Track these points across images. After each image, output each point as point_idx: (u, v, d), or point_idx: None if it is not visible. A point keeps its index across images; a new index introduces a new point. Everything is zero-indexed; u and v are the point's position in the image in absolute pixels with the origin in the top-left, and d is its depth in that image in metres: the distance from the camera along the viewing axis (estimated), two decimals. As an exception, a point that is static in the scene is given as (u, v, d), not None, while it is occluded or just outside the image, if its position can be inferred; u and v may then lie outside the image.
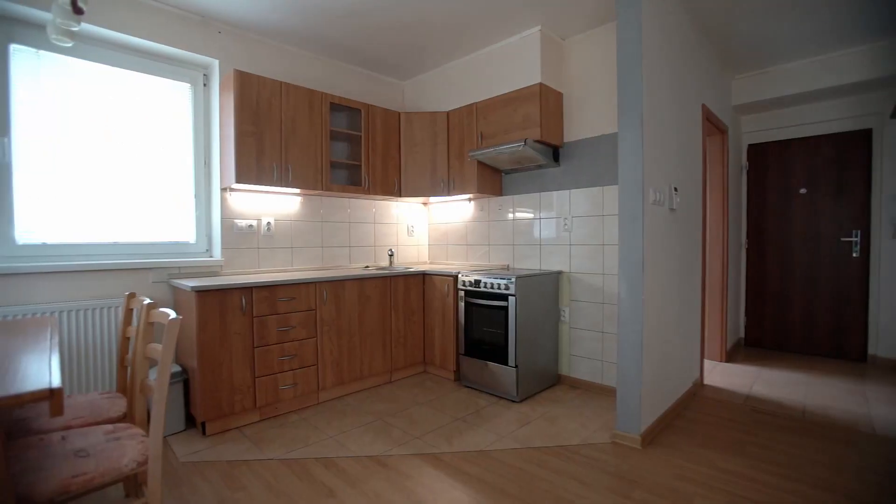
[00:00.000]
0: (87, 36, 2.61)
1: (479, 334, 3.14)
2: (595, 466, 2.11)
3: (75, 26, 1.65)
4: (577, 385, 3.24)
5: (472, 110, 3.49)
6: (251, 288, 2.56)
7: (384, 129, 3.59)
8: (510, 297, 2.93)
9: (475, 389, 3.21)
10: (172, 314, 1.37)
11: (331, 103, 3.25)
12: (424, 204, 4.33)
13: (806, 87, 3.68)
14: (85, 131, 2.65)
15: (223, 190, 3.02)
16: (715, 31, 3.13)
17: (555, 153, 3.30)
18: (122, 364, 1.99)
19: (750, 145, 4.43)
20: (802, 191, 4.16)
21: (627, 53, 2.29)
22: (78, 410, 1.67)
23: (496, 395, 3.08)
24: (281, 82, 2.97)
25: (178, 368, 2.56)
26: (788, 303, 4.24)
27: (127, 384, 2.00)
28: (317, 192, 3.25)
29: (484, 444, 2.36)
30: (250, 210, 3.15)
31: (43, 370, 1.11)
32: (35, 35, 2.48)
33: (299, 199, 3.42)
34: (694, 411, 2.78)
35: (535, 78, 3.12)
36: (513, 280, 2.92)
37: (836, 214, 3.98)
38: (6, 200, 2.41)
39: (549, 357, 3.23)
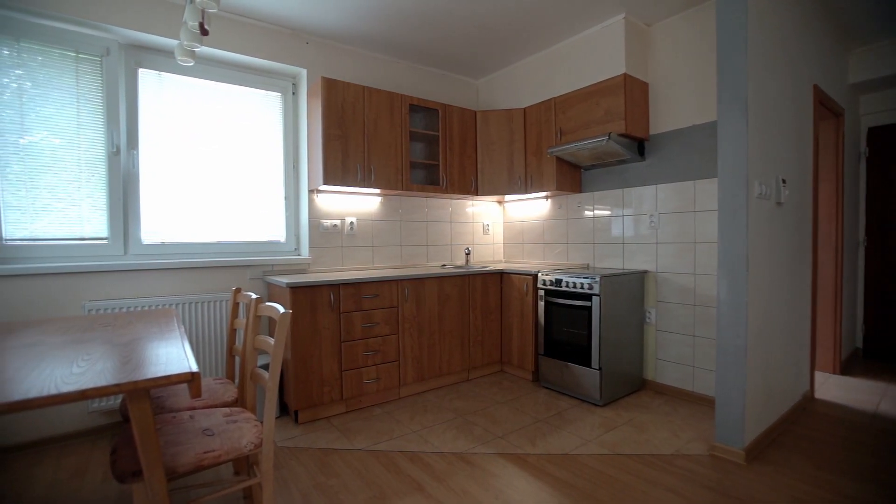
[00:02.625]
0: (197, 56, 2.89)
1: (560, 335, 3.06)
2: (693, 480, 1.97)
3: (197, 47, 1.84)
4: (663, 391, 3.05)
5: (550, 106, 3.40)
6: (339, 285, 2.69)
7: (460, 128, 3.62)
8: (594, 297, 2.82)
9: (554, 391, 3.13)
10: (281, 308, 1.47)
11: (409, 105, 3.33)
12: (500, 202, 4.30)
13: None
14: (192, 141, 2.94)
15: (310, 191, 3.20)
16: None
17: (640, 147, 3.13)
18: (230, 353, 2.18)
19: (870, 128, 3.91)
20: (938, 179, 3.59)
21: (729, 32, 2.11)
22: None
23: (577, 398, 2.98)
24: (363, 87, 3.09)
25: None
26: (919, 309, 3.68)
27: (235, 372, 2.19)
28: (397, 191, 3.35)
29: (569, 448, 2.29)
30: (335, 210, 3.32)
31: (181, 356, 1.24)
32: (158, 59, 2.79)
33: (379, 199, 3.54)
34: (805, 427, 2.50)
35: (618, 69, 2.97)
36: (597, 279, 2.81)
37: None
38: (135, 205, 2.73)
39: (633, 360, 3.07)
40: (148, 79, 2.78)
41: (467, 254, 3.89)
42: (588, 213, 3.52)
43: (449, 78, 4.02)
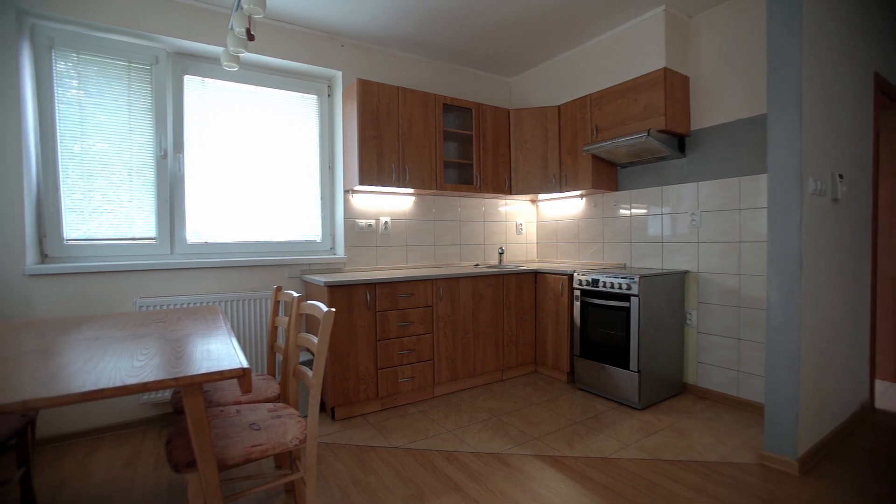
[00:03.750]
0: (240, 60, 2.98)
1: (596, 336, 3.00)
2: (742, 490, 1.89)
3: (242, 52, 1.91)
4: (705, 396, 2.94)
5: (586, 103, 3.34)
6: (375, 284, 2.72)
7: (494, 126, 3.60)
8: (632, 298, 2.75)
9: (591, 393, 3.07)
10: (324, 307, 1.50)
11: (443, 104, 3.34)
12: (533, 201, 4.25)
13: None
14: (232, 144, 3.03)
15: (346, 192, 3.26)
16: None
17: (680, 143, 3.02)
18: (271, 350, 2.24)
19: (934, 120, 3.64)
20: None
21: (782, 17, 2.00)
22: (243, 388, 1.90)
23: (614, 401, 2.92)
24: (398, 87, 3.12)
25: (310, 357, 2.82)
26: None
27: (276, 368, 2.25)
28: (431, 191, 3.36)
29: (608, 451, 2.24)
30: (369, 210, 3.36)
31: (231, 352, 1.28)
32: (202, 65, 2.90)
33: (413, 198, 3.57)
34: (864, 439, 2.36)
35: (658, 63, 2.88)
36: (636, 280, 2.73)
37: None
38: (180, 207, 2.85)
39: (673, 363, 2.97)
40: (192, 85, 2.89)
41: (501, 253, 3.86)
42: (625, 212, 3.43)
43: (482, 77, 4.00)
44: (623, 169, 3.46)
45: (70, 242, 2.55)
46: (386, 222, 3.43)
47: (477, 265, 3.79)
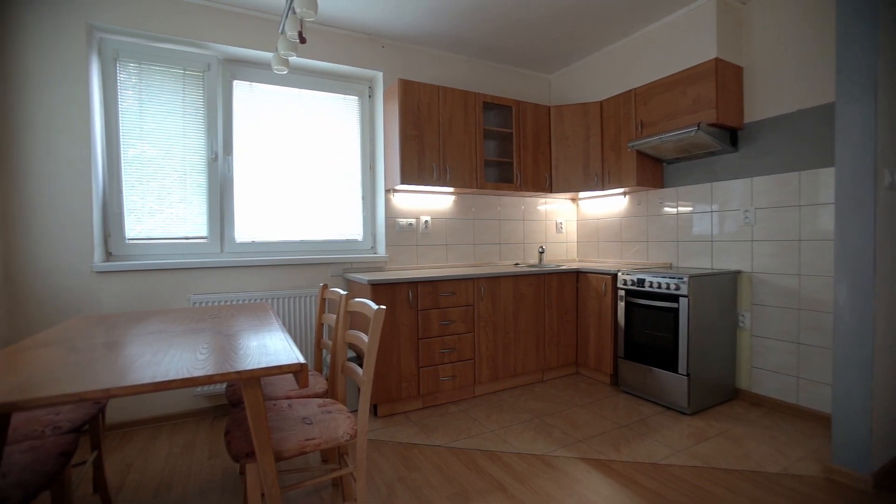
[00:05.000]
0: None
1: (642, 337, 2.91)
2: None
3: (293, 55, 1.96)
4: (760, 402, 2.80)
5: (630, 97, 3.24)
6: (417, 283, 2.74)
7: (534, 124, 3.55)
8: (681, 299, 2.65)
9: (636, 396, 2.98)
10: (374, 305, 1.51)
11: (483, 102, 3.32)
12: (573, 200, 4.17)
13: None
14: (277, 146, 3.13)
15: (387, 191, 3.30)
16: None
17: (732, 137, 2.89)
18: (318, 346, 2.29)
19: None
20: None
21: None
22: (293, 383, 1.96)
23: (661, 405, 2.82)
24: (438, 86, 3.13)
25: (352, 354, 2.87)
26: None
27: (322, 364, 2.30)
28: (471, 190, 3.35)
29: (657, 457, 2.16)
30: (410, 209, 3.39)
31: (287, 348, 1.32)
32: (250, 71, 3.01)
33: (453, 197, 3.57)
34: (943, 452, 2.17)
35: (709, 53, 2.76)
36: (685, 280, 2.63)
37: None
38: (229, 207, 2.96)
39: (724, 367, 2.84)
40: (241, 89, 3.00)
41: (541, 252, 3.81)
42: (671, 210, 3.31)
43: (521, 74, 3.96)
44: (669, 165, 3.34)
45: (130, 241, 2.70)
46: (426, 221, 3.45)
47: (517, 264, 3.75)
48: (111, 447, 2.35)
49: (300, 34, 1.71)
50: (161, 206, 2.79)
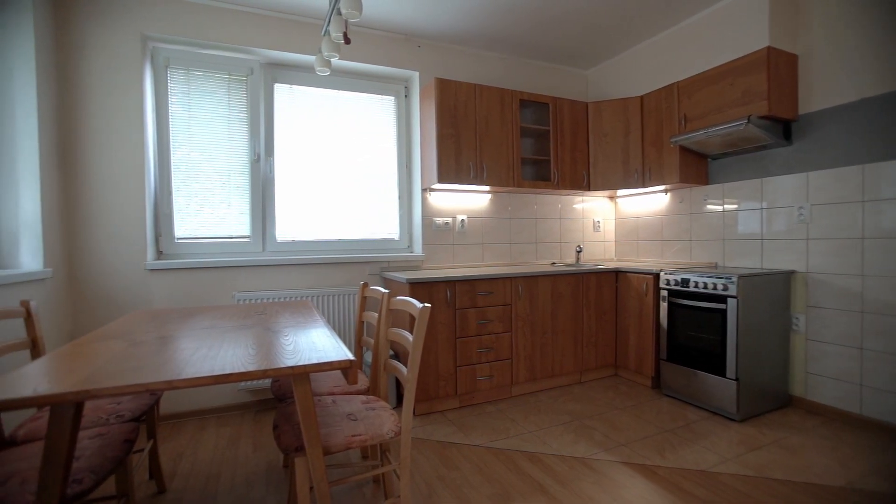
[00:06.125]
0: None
1: (686, 339, 2.80)
2: (874, 518, 1.67)
3: (336, 56, 2.00)
4: (817, 411, 2.64)
5: (672, 91, 3.13)
6: (454, 282, 2.73)
7: (571, 121, 3.48)
8: (729, 299, 2.53)
9: (679, 400, 2.88)
10: (418, 304, 1.52)
11: (520, 100, 3.28)
12: (611, 198, 4.07)
13: None
14: (316, 146, 3.19)
15: (423, 190, 3.31)
16: None
17: (785, 129, 2.74)
18: (358, 344, 2.32)
19: None
20: None
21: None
22: (335, 380, 1.99)
23: (707, 410, 2.71)
24: (475, 85, 3.11)
25: (391, 352, 2.89)
26: None
27: (362, 362, 2.33)
28: (508, 188, 3.32)
29: (705, 464, 2.08)
30: (446, 208, 3.39)
31: (335, 345, 1.34)
32: (290, 74, 3.08)
33: (489, 196, 3.55)
34: None
35: (760, 41, 2.63)
36: (733, 280, 2.52)
37: None
38: (270, 207, 3.04)
39: (776, 372, 2.70)
40: (281, 92, 3.08)
41: (578, 252, 3.74)
42: (716, 207, 3.18)
43: (557, 70, 3.89)
44: (714, 161, 3.20)
45: (179, 241, 2.82)
46: (462, 220, 3.44)
47: (553, 263, 3.70)
48: (163, 437, 2.46)
49: (345, 35, 1.73)
50: (205, 207, 2.90)
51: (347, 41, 1.78)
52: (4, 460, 1.22)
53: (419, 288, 2.65)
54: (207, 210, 2.90)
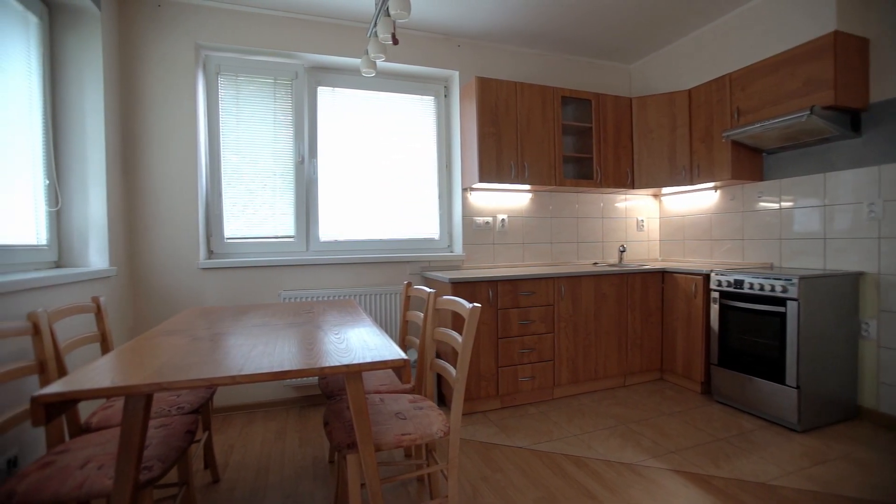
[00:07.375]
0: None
1: (740, 343, 2.67)
2: (963, 543, 1.53)
3: (381, 58, 2.02)
4: (891, 424, 2.45)
5: (724, 83, 2.98)
6: (496, 281, 2.71)
7: (615, 117, 3.39)
8: (789, 302, 2.39)
9: (732, 407, 2.74)
10: (467, 304, 1.50)
11: (561, 97, 3.22)
12: (655, 196, 3.93)
13: None
14: (357, 147, 3.24)
15: (463, 190, 3.30)
16: None
17: (853, 120, 2.56)
18: (402, 343, 2.34)
19: None
20: None
21: None
22: (382, 379, 2.01)
23: (764, 419, 2.56)
24: (515, 83, 3.08)
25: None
26: None
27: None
28: (549, 187, 3.26)
29: (765, 476, 1.97)
30: (486, 208, 3.37)
31: (387, 343, 1.35)
32: (333, 77, 3.15)
33: (529, 195, 3.50)
34: None
35: (826, 25, 2.47)
36: (793, 281, 2.37)
37: None
38: (314, 207, 3.11)
39: (843, 382, 2.52)
40: (324, 95, 3.15)
41: (622, 251, 3.63)
42: (771, 205, 3.00)
43: (598, 66, 3.80)
44: (770, 156, 3.03)
45: (228, 241, 2.93)
46: (503, 220, 3.41)
47: (595, 263, 3.61)
48: (216, 429, 2.56)
49: (393, 35, 1.75)
50: (250, 208, 3.00)
51: (396, 42, 1.79)
52: (82, 445, 1.30)
53: (462, 287, 2.64)
54: (251, 211, 3.00)
